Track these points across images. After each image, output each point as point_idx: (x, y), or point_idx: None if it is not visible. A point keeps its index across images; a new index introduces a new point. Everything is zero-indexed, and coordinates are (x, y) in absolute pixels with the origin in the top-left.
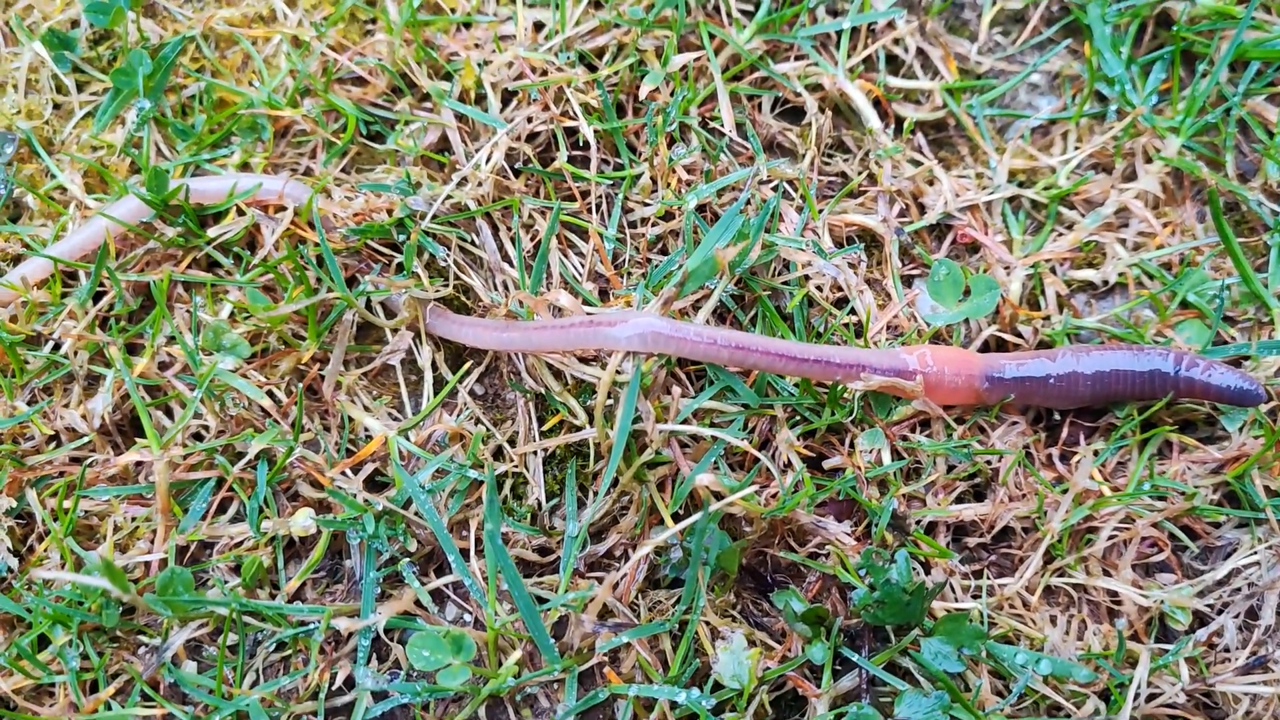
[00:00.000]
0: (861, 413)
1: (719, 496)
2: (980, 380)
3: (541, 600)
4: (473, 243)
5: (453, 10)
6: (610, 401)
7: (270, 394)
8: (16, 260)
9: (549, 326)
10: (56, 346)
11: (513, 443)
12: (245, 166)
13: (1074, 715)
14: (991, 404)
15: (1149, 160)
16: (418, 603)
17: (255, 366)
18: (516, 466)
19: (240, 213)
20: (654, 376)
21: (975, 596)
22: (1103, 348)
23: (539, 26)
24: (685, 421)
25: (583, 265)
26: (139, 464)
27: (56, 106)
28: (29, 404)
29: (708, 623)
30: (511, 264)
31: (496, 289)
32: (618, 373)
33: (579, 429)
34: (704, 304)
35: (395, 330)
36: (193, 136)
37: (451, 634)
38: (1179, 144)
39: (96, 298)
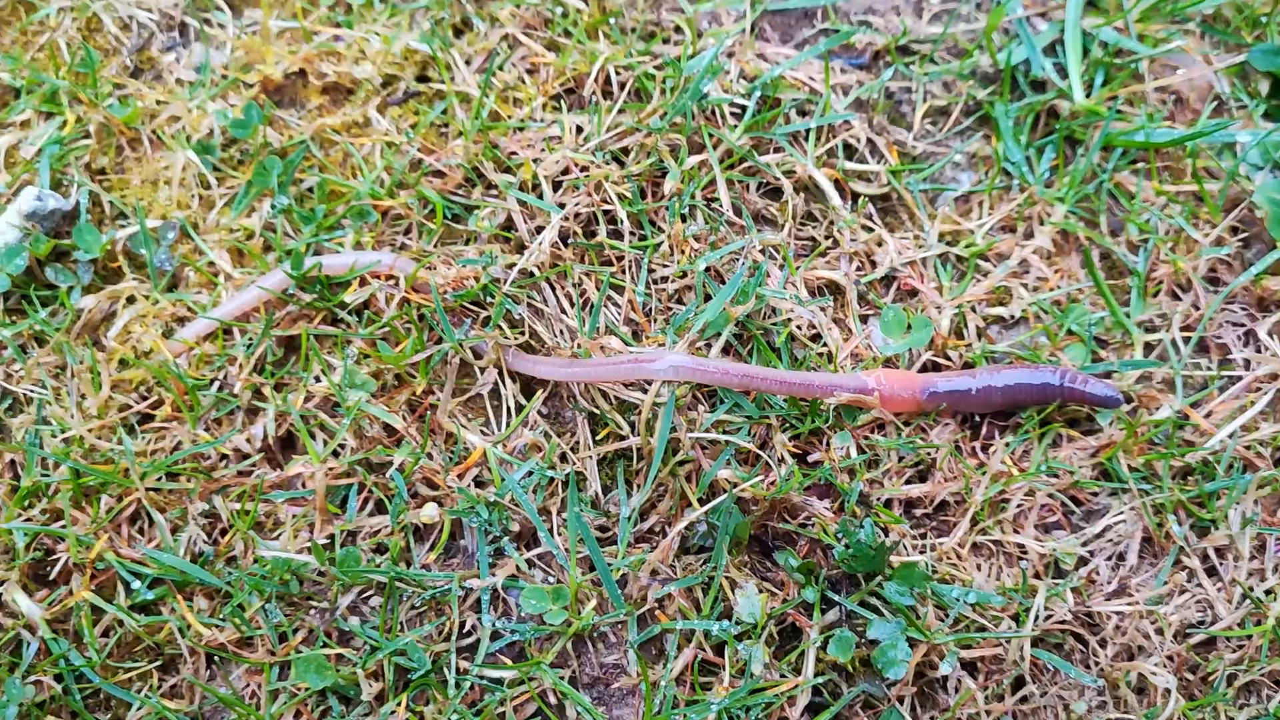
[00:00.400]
0: (834, 420)
1: (734, 485)
2: (921, 394)
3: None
4: (537, 299)
5: (509, 117)
6: (650, 417)
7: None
8: (181, 321)
9: (602, 363)
10: (220, 386)
11: (574, 450)
12: (358, 244)
13: (993, 630)
14: (929, 411)
15: (1042, 222)
16: (517, 570)
17: (378, 399)
18: (578, 468)
19: (363, 282)
20: (683, 398)
21: (921, 551)
22: (1010, 366)
23: (579, 130)
24: (706, 430)
25: (619, 313)
26: (295, 475)
27: (199, 199)
28: (206, 431)
29: (728, 576)
30: (567, 314)
31: (557, 334)
32: (657, 396)
33: (624, 438)
34: (715, 342)
35: (484, 369)
36: (314, 221)
37: (551, 587)
38: (1064, 209)
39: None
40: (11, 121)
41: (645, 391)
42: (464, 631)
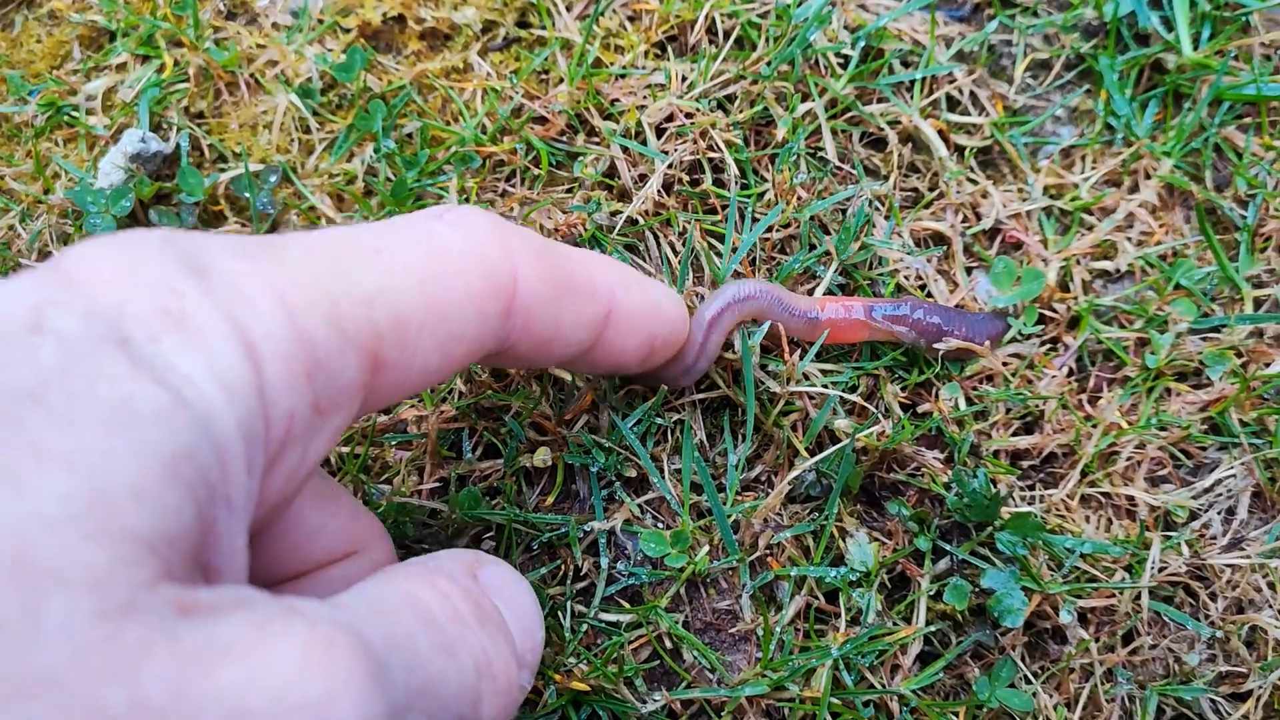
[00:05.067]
0: (943, 370)
1: (849, 434)
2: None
3: None
4: (640, 248)
5: (611, 64)
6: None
7: None
8: None
9: None
10: None
11: (678, 397)
12: (461, 189)
13: (1106, 581)
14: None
15: (1148, 177)
16: (630, 515)
17: None
18: (683, 415)
19: None
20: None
21: (1030, 503)
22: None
23: (683, 78)
24: (810, 384)
25: (722, 263)
26: (404, 419)
27: (299, 143)
28: None
29: (839, 524)
30: (671, 263)
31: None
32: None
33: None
34: (816, 291)
35: None
36: (417, 166)
37: (671, 531)
38: (1171, 164)
39: None
40: (109, 65)
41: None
42: (579, 575)
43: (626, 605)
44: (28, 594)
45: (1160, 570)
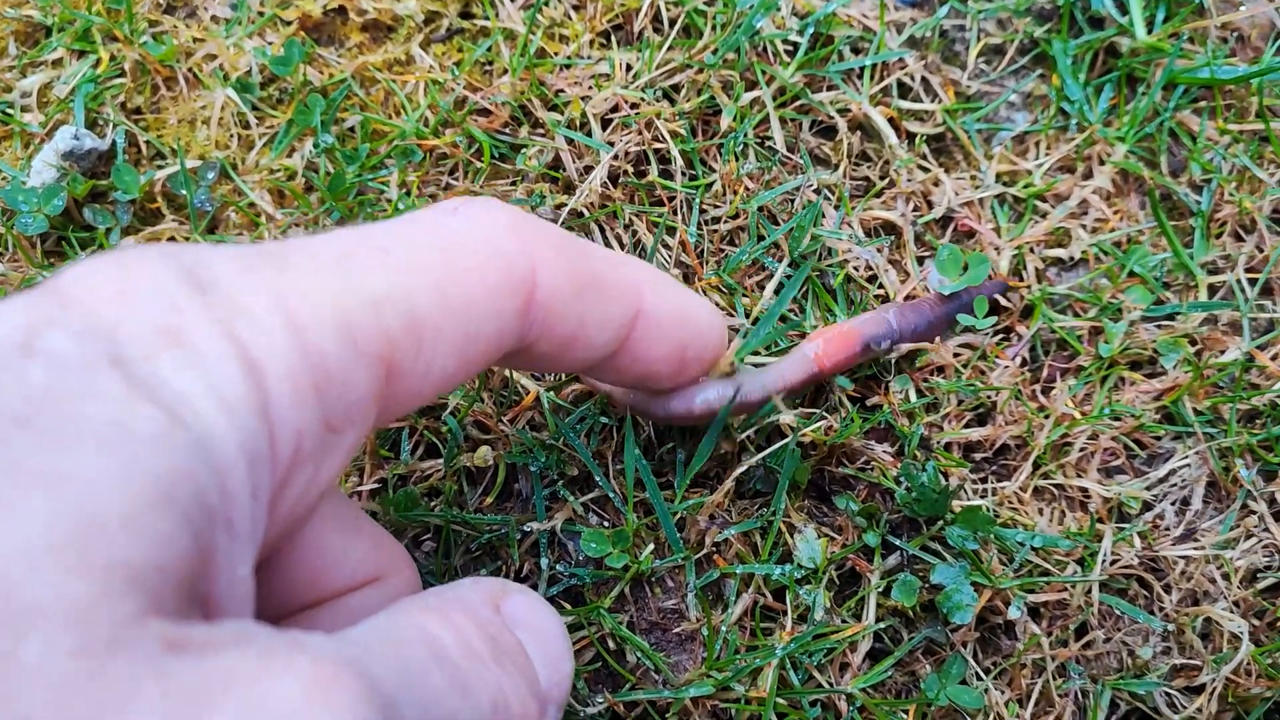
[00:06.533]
0: (892, 363)
1: (795, 429)
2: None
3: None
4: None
5: (556, 55)
6: None
7: None
8: None
9: None
10: None
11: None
12: (403, 184)
13: (1057, 574)
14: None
15: (1102, 163)
16: (573, 514)
17: None
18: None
19: None
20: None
21: (982, 496)
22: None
23: (628, 67)
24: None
25: (670, 255)
26: None
27: (238, 139)
28: None
29: (786, 521)
30: None
31: None
32: None
33: None
34: (767, 284)
35: None
36: (358, 160)
37: (612, 530)
38: (1125, 149)
39: None
40: (44, 60)
41: None
42: (520, 576)
43: (568, 606)
44: (4, 632)
45: (1113, 563)
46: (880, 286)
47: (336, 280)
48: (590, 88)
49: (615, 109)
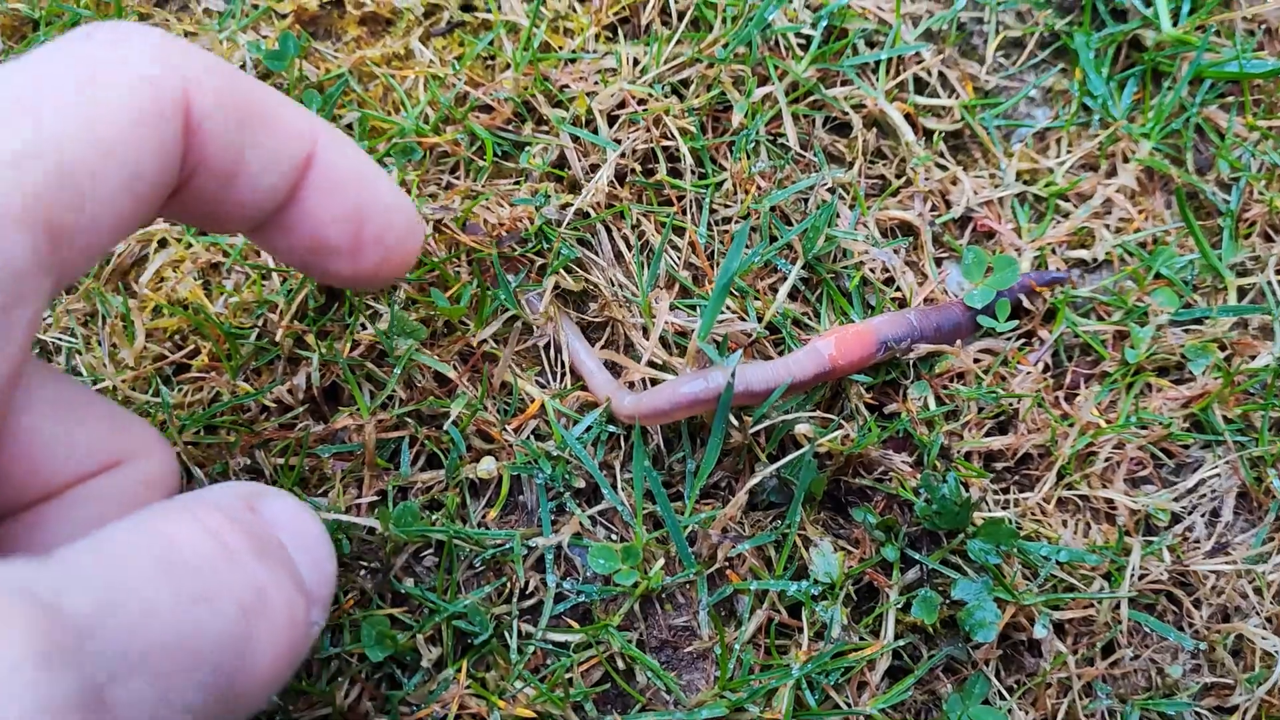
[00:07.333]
0: (911, 368)
1: (811, 439)
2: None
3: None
4: (592, 242)
5: (560, 49)
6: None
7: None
8: (215, 267)
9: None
10: (260, 335)
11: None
12: (402, 182)
13: (1084, 590)
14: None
15: (1126, 160)
16: (580, 528)
17: (428, 348)
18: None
19: None
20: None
21: (1004, 507)
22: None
23: (635, 62)
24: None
25: (679, 257)
26: (342, 428)
27: None
28: (246, 382)
29: (802, 534)
30: (619, 261)
31: (615, 285)
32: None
33: None
34: (780, 286)
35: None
36: None
37: (621, 545)
38: (1150, 146)
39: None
40: None
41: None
42: (526, 593)
43: (576, 625)
44: None
45: (1141, 578)
46: (897, 289)
47: None
48: (596, 83)
49: (622, 105)
